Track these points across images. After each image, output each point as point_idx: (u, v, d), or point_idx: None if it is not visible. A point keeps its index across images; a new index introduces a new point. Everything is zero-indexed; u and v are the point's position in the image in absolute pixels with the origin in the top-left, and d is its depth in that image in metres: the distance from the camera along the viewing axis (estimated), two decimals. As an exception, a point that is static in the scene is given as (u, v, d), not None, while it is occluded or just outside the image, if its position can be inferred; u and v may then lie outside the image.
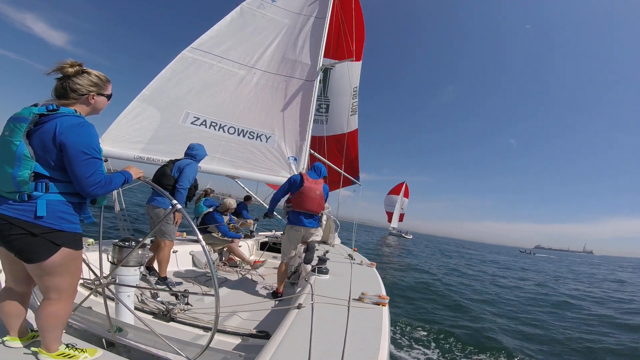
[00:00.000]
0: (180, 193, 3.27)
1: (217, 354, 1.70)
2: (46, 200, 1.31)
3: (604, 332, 7.18)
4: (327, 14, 6.75)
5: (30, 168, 1.29)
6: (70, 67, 1.42)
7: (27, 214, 1.28)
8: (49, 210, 1.31)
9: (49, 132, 1.31)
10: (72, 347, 1.49)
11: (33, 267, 1.34)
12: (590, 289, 14.68)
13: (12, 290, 1.50)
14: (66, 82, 1.42)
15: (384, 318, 1.99)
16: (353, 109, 8.95)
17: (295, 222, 3.20)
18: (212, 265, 1.52)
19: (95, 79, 1.48)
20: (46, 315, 1.39)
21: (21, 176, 1.27)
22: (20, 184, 1.28)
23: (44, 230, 1.30)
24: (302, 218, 3.19)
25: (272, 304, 3.05)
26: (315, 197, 3.15)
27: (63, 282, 1.40)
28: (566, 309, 9.55)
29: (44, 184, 1.32)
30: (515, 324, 7.24)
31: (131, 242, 1.89)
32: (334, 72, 8.64)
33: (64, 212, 1.36)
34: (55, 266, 1.34)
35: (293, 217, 3.22)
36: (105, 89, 1.53)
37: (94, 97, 1.48)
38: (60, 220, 1.34)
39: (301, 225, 3.18)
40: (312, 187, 3.15)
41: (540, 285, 14.06)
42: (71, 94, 1.43)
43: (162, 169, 3.43)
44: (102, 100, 1.54)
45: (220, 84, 5.66)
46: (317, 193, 3.15)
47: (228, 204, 5.03)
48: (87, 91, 1.46)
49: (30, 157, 1.29)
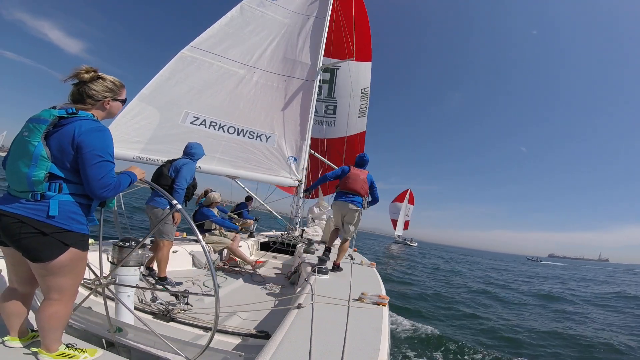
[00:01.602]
0: (178, 193, 3.26)
1: (217, 354, 1.70)
2: (58, 201, 1.33)
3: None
4: (327, 14, 6.74)
5: (46, 168, 1.31)
6: (85, 73, 1.46)
7: (39, 213, 1.30)
8: (61, 210, 1.33)
9: (67, 134, 1.34)
10: (72, 347, 1.49)
11: (39, 266, 1.34)
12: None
13: (16, 290, 1.51)
14: (82, 87, 1.46)
15: (384, 318, 1.99)
16: (362, 110, 8.83)
17: (338, 197, 3.81)
18: (212, 265, 1.52)
19: (110, 84, 1.53)
20: (47, 316, 1.39)
21: (36, 176, 1.29)
22: (35, 183, 1.30)
23: (55, 229, 1.32)
24: (344, 195, 3.76)
25: (272, 304, 3.05)
26: (357, 180, 3.72)
27: (66, 283, 1.40)
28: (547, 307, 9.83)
29: (57, 185, 1.34)
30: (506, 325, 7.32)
31: (131, 242, 1.89)
32: (341, 72, 8.54)
33: (75, 212, 1.38)
34: (62, 266, 1.35)
35: (339, 194, 3.81)
36: (120, 94, 1.58)
37: (109, 102, 1.53)
38: (71, 221, 1.36)
39: (341, 200, 3.73)
40: (357, 173, 3.78)
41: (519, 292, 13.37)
42: (87, 100, 1.47)
43: (159, 169, 3.44)
44: (117, 105, 1.59)
45: (220, 83, 5.64)
46: (361, 178, 3.75)
47: (212, 198, 5.02)
48: (103, 97, 1.50)
49: (47, 158, 1.31)
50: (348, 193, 3.71)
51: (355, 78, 8.51)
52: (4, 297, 1.50)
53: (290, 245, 5.80)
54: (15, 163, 1.33)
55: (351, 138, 8.96)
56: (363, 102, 8.78)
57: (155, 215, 3.34)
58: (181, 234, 5.27)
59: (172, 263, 3.60)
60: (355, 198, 3.72)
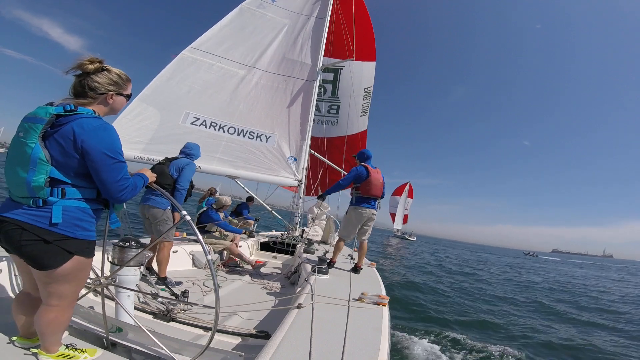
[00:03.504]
0: (180, 193, 3.26)
1: (217, 354, 1.70)
2: (62, 207, 1.25)
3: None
4: (328, 14, 6.74)
5: (46, 173, 1.21)
6: (90, 63, 1.34)
7: (41, 220, 1.22)
8: (65, 217, 1.25)
9: (68, 135, 1.23)
10: (72, 348, 1.49)
11: (42, 274, 1.28)
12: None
13: (29, 295, 1.46)
14: (85, 79, 1.34)
15: (384, 318, 1.99)
16: (364, 109, 8.85)
17: (362, 204, 3.66)
18: (212, 266, 1.51)
19: (116, 77, 1.40)
20: (46, 322, 1.34)
21: (36, 181, 1.20)
22: (35, 189, 1.21)
23: (58, 237, 1.24)
24: (368, 202, 3.66)
25: (272, 304, 3.05)
26: (379, 184, 3.65)
27: (68, 290, 1.35)
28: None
29: (60, 190, 1.25)
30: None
31: (131, 242, 1.89)
32: (344, 72, 8.54)
33: (80, 219, 1.30)
34: (65, 274, 1.29)
35: (361, 200, 3.66)
36: (125, 88, 1.46)
37: (112, 97, 1.40)
38: (76, 228, 1.28)
39: (367, 207, 3.64)
40: (377, 177, 3.65)
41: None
42: (89, 93, 1.35)
43: (159, 167, 3.32)
44: (121, 101, 1.46)
45: (221, 84, 5.65)
46: (380, 181, 3.67)
47: (224, 201, 5.04)
48: (106, 90, 1.38)
49: (45, 161, 1.21)
50: (370, 199, 3.63)
51: (358, 78, 8.51)
52: (17, 300, 1.48)
53: (290, 245, 5.80)
54: (13, 168, 1.24)
55: (353, 137, 8.98)
56: (365, 101, 8.79)
57: (153, 215, 3.29)
58: (181, 234, 5.28)
59: (172, 263, 3.60)
60: (375, 203, 3.69)
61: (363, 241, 3.76)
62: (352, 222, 3.67)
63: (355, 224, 3.67)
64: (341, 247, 3.78)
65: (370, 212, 3.65)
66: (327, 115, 8.86)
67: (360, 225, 3.68)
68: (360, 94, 8.68)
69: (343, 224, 3.83)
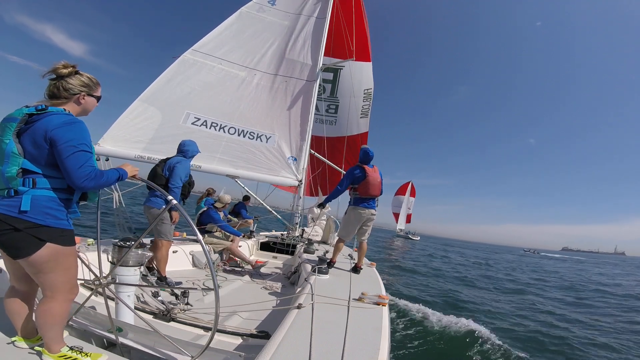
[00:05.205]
0: (174, 192, 3.23)
1: (217, 354, 1.70)
2: (31, 196, 1.33)
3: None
4: (328, 14, 6.75)
5: (17, 164, 1.32)
6: (63, 68, 1.47)
7: (11, 209, 1.30)
8: (34, 205, 1.32)
9: (40, 130, 1.34)
10: (77, 350, 1.49)
11: (22, 263, 1.36)
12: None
13: (14, 288, 1.52)
14: (59, 82, 1.47)
15: (384, 318, 1.99)
16: (364, 111, 8.81)
17: (361, 204, 3.65)
18: (212, 265, 1.52)
19: (87, 80, 1.54)
20: (41, 312, 1.40)
21: (9, 172, 1.31)
22: (9, 180, 1.31)
23: (28, 225, 1.31)
24: (367, 202, 3.65)
25: (272, 304, 3.05)
26: (377, 184, 3.63)
27: (55, 279, 1.40)
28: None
29: (31, 180, 1.34)
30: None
31: (131, 242, 1.89)
32: (344, 72, 8.53)
33: (50, 207, 1.36)
34: (43, 262, 1.35)
35: (359, 201, 3.65)
36: (95, 90, 1.59)
37: (84, 97, 1.54)
38: (46, 216, 1.35)
39: (366, 207, 3.63)
40: (375, 176, 3.62)
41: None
42: (63, 93, 1.48)
43: (153, 169, 3.39)
44: (92, 102, 1.58)
45: (221, 85, 5.67)
46: (378, 180, 3.65)
47: (225, 199, 5.06)
48: (79, 90, 1.51)
49: (18, 154, 1.32)
50: (369, 199, 3.64)
51: (358, 78, 8.49)
52: (6, 296, 1.52)
53: (291, 246, 5.81)
54: None
55: (353, 138, 8.96)
56: (366, 103, 8.76)
57: (152, 215, 3.33)
58: (181, 234, 5.28)
59: (172, 263, 3.61)
60: (374, 202, 3.70)
61: (363, 241, 3.76)
62: (352, 222, 3.69)
63: (354, 224, 3.68)
64: (341, 247, 3.79)
65: (370, 212, 3.66)
66: (325, 115, 8.86)
67: (359, 225, 3.68)
68: (360, 95, 8.66)
69: (342, 224, 3.85)
